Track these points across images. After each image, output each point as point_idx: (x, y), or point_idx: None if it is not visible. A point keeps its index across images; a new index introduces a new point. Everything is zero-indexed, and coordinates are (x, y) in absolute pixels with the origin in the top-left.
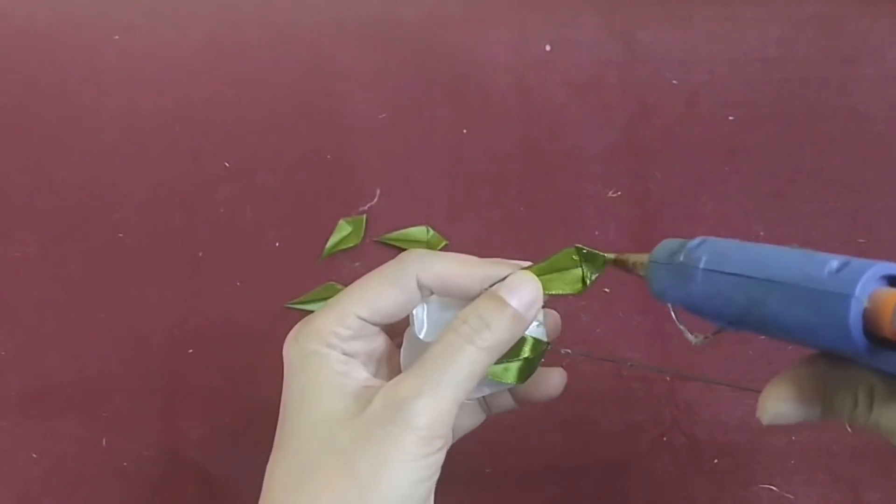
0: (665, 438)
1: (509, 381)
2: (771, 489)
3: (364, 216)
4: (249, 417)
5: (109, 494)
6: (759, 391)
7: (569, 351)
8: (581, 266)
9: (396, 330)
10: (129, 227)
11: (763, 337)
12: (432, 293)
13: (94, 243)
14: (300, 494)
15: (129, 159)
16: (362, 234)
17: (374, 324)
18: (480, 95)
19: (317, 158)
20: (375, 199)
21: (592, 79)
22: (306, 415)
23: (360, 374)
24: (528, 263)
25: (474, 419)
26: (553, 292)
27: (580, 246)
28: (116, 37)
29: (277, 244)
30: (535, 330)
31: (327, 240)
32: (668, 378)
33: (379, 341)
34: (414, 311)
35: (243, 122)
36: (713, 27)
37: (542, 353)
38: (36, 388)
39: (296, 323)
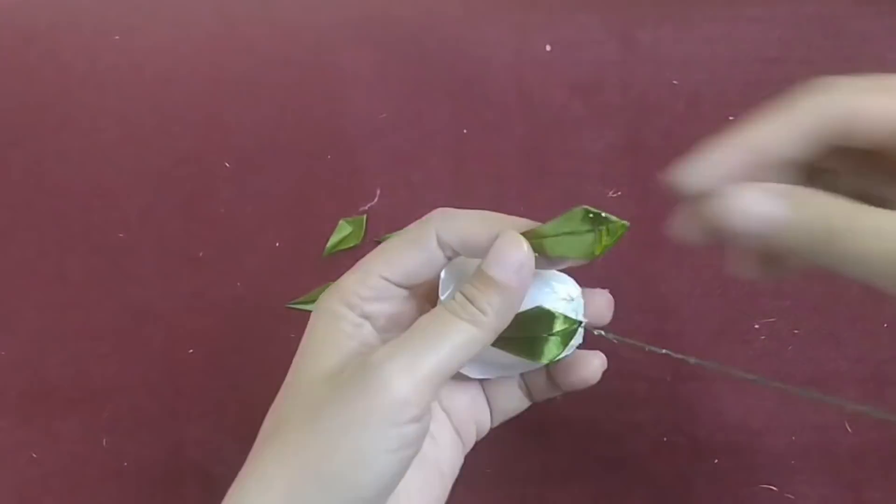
0: (666, 439)
1: (533, 360)
2: (772, 489)
3: (364, 216)
4: (250, 417)
5: (109, 495)
6: (784, 387)
7: (602, 333)
8: (594, 231)
9: (431, 297)
10: (130, 227)
11: (763, 337)
12: (455, 252)
13: (94, 243)
14: (271, 445)
15: (129, 159)
16: (362, 234)
17: (400, 285)
18: (480, 95)
19: (317, 158)
20: (375, 199)
21: (592, 79)
22: (301, 371)
23: (370, 339)
24: (537, 224)
25: (517, 404)
26: (560, 254)
27: (588, 208)
28: (116, 37)
29: (277, 244)
30: (564, 306)
31: (327, 240)
32: (668, 378)
33: (408, 307)
34: (441, 274)
35: (243, 122)
36: (714, 27)
37: (573, 333)
38: (36, 388)
39: (296, 322)
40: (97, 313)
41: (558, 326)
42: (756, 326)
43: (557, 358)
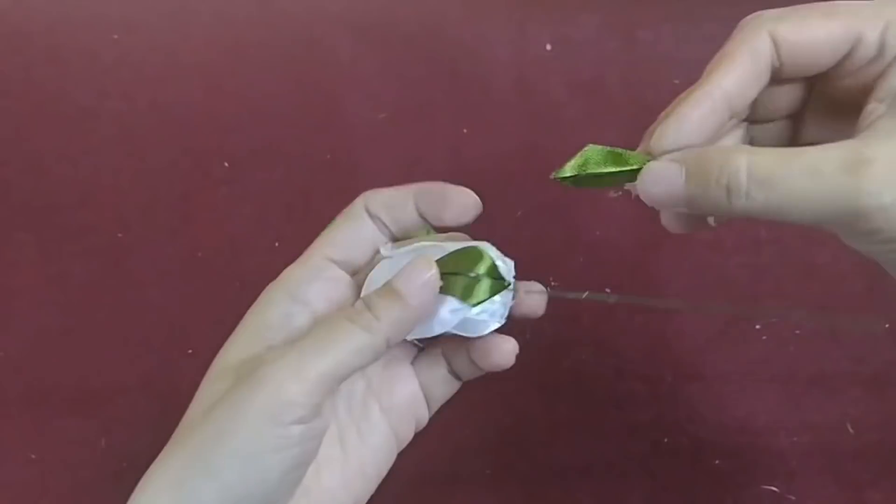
0: (667, 440)
1: (464, 300)
2: (773, 490)
3: None
4: None
5: (108, 495)
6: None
7: (546, 289)
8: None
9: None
10: (129, 227)
11: (764, 338)
12: (385, 225)
13: (94, 243)
14: (179, 429)
15: (129, 159)
16: None
17: (342, 263)
18: (480, 95)
19: (317, 158)
20: None
21: (593, 78)
22: (217, 359)
23: (294, 330)
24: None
25: (448, 388)
26: (604, 170)
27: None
28: (116, 36)
29: (277, 244)
30: (501, 266)
31: None
32: (668, 379)
33: (353, 294)
34: (370, 274)
35: (243, 121)
36: (714, 26)
37: (501, 287)
38: (35, 388)
39: None
40: (96, 313)
41: (483, 268)
42: (757, 327)
43: (484, 317)
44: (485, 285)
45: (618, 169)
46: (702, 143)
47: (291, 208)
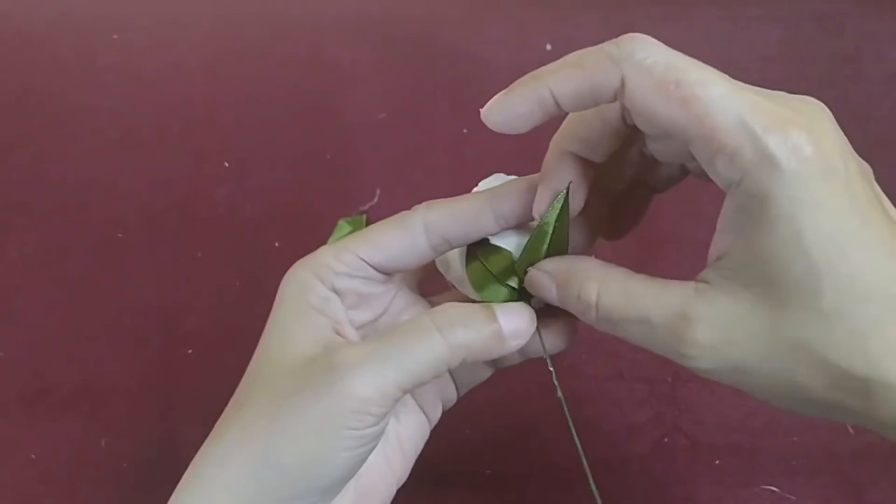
0: (666, 440)
1: (474, 289)
2: (773, 490)
3: (364, 216)
4: None
5: (108, 495)
6: None
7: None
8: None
9: (409, 280)
10: (129, 227)
11: None
12: (444, 240)
13: (93, 243)
14: (234, 425)
15: (128, 159)
16: None
17: (378, 268)
18: (480, 95)
19: (317, 158)
20: (375, 199)
21: None
22: (268, 351)
23: (338, 315)
24: (525, 179)
25: (480, 373)
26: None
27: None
28: (115, 36)
29: (277, 244)
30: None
31: (327, 240)
32: (668, 379)
33: (383, 289)
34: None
35: (243, 122)
36: (714, 26)
37: (512, 299)
38: (35, 389)
39: None
40: (96, 313)
41: (498, 266)
42: None
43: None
44: (500, 293)
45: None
46: (526, 123)
47: (291, 208)
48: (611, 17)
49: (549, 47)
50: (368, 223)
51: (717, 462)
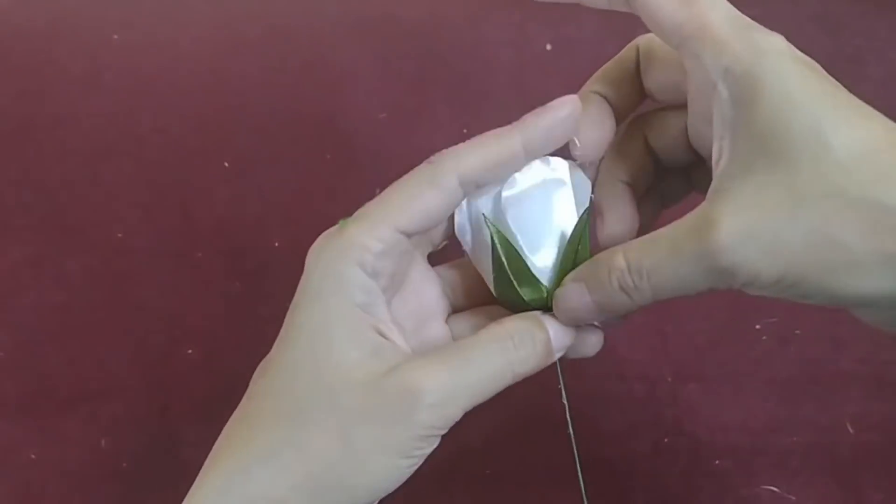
0: (666, 440)
1: (494, 291)
2: (773, 490)
3: None
4: None
5: (108, 495)
6: None
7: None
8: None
9: (421, 246)
10: (129, 227)
11: (764, 338)
12: (477, 185)
13: (93, 243)
14: (287, 437)
15: (128, 159)
16: None
17: (411, 234)
18: (480, 95)
19: (317, 158)
20: None
21: None
22: (312, 355)
23: (381, 312)
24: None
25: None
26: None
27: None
28: (115, 36)
29: (277, 244)
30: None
31: None
32: (668, 379)
33: (405, 265)
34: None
35: (243, 121)
36: None
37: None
38: (34, 388)
39: None
40: (96, 313)
41: (530, 296)
42: (757, 327)
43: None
44: (513, 298)
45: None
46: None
47: (291, 208)
48: (611, 17)
49: (549, 47)
50: None
51: (716, 462)
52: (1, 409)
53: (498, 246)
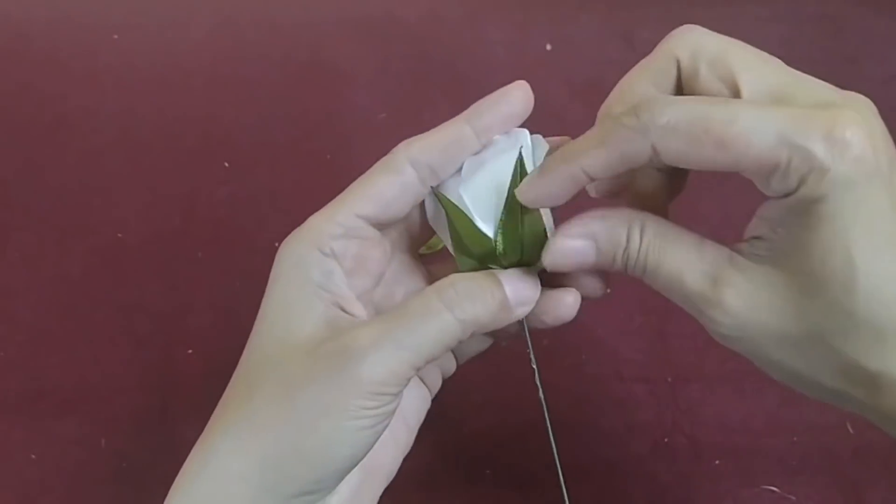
0: (666, 440)
1: (455, 252)
2: (773, 490)
3: None
4: None
5: (108, 495)
6: None
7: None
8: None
9: (401, 242)
10: (129, 227)
11: None
12: (432, 171)
13: (93, 243)
14: (243, 413)
15: (128, 159)
16: None
17: (375, 221)
18: (480, 95)
19: (317, 158)
20: None
21: (593, 78)
22: (270, 333)
23: (340, 290)
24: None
25: (480, 345)
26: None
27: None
28: (115, 36)
29: (277, 244)
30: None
31: None
32: (668, 379)
33: (378, 251)
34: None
35: (243, 122)
36: (715, 27)
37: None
38: (34, 388)
39: None
40: (96, 313)
41: (480, 251)
42: None
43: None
44: (470, 261)
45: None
46: (563, 198)
47: (291, 208)
48: (611, 17)
49: (549, 47)
50: None
51: (717, 462)
52: (1, 409)
53: (447, 212)
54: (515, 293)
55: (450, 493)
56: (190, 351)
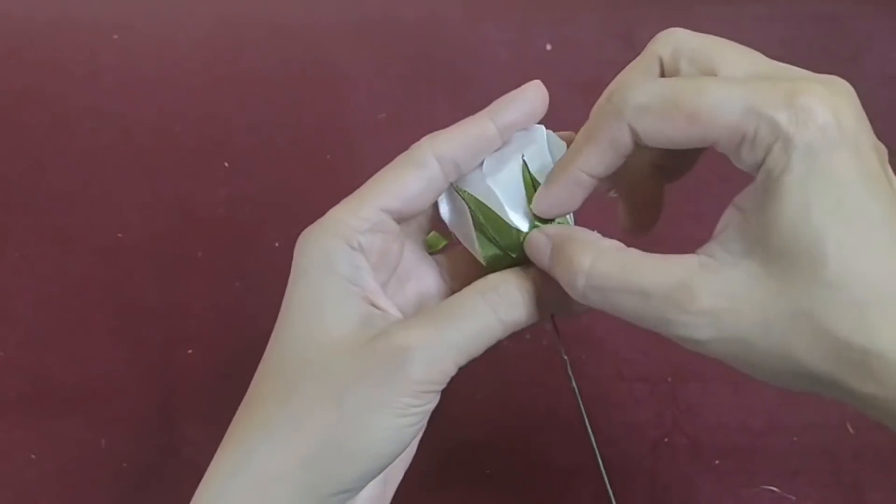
0: (666, 440)
1: (475, 227)
2: (773, 490)
3: None
4: None
5: (108, 495)
6: None
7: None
8: None
9: (418, 237)
10: (128, 227)
11: None
12: (457, 166)
13: (93, 243)
14: (283, 412)
15: (128, 159)
16: None
17: (398, 215)
18: (480, 95)
19: (317, 158)
20: None
21: (593, 78)
22: (304, 329)
23: (369, 284)
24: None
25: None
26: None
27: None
28: (115, 36)
29: (277, 244)
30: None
31: None
32: (668, 379)
33: (397, 246)
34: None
35: (243, 121)
36: (715, 26)
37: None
38: (34, 388)
39: None
40: (96, 313)
41: (500, 251)
42: None
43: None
44: (499, 255)
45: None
46: (574, 205)
47: (291, 208)
48: (611, 17)
49: (549, 47)
50: None
51: (717, 462)
52: (1, 409)
53: (472, 208)
54: (549, 294)
55: (450, 494)
56: (190, 351)
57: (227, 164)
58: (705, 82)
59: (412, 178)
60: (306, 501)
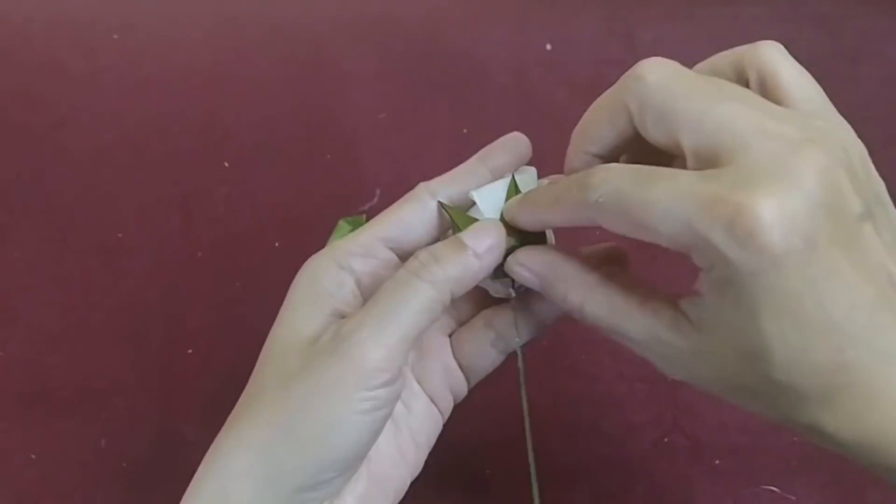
0: (666, 439)
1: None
2: (773, 490)
3: (364, 216)
4: None
5: (108, 495)
6: None
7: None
8: None
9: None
10: (128, 227)
11: None
12: (450, 200)
13: (93, 243)
14: (247, 409)
15: (128, 159)
16: None
17: (393, 243)
18: (480, 95)
19: (317, 158)
20: (375, 199)
21: (593, 78)
22: (277, 338)
23: (350, 298)
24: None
25: (490, 361)
26: None
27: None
28: (115, 36)
29: (277, 244)
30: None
31: (327, 240)
32: (668, 379)
33: (389, 273)
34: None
35: (243, 121)
36: (715, 26)
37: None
38: (34, 388)
39: None
40: (96, 313)
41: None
42: None
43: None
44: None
45: None
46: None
47: (291, 208)
48: (611, 17)
49: (549, 47)
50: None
51: (717, 462)
52: (1, 409)
53: (452, 216)
54: (479, 244)
55: (450, 494)
56: (190, 351)
57: (227, 164)
58: (655, 191)
59: (406, 209)
60: (268, 495)
